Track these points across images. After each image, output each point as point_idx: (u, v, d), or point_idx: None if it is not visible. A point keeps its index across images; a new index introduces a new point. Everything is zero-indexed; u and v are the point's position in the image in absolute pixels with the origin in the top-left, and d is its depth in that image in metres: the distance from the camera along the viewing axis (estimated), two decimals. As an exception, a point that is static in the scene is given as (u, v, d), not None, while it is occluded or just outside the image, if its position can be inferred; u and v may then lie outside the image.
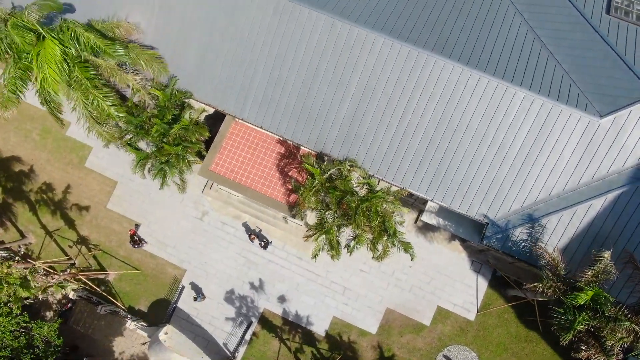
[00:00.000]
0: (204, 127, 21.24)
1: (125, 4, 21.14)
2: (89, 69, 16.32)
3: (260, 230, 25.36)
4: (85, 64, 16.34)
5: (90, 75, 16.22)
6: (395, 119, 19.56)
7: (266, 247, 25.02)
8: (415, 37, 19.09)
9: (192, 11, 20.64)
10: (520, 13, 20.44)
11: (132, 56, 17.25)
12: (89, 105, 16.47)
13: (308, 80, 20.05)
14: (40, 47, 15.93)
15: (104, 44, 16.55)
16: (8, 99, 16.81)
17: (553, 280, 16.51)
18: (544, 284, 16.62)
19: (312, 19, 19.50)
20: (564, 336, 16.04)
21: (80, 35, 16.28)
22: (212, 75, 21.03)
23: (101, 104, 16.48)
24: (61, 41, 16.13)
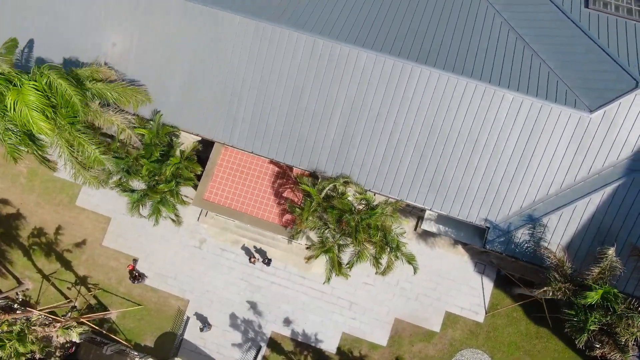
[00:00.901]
0: (195, 163, 20.99)
1: (103, 40, 20.81)
2: (71, 114, 15.95)
3: (260, 247, 25.06)
4: (67, 109, 15.99)
5: (73, 121, 15.86)
6: (386, 131, 19.42)
7: (269, 263, 24.68)
8: (398, 49, 18.97)
9: (171, 43, 20.35)
10: (500, 13, 20.41)
11: (113, 95, 16.92)
12: (74, 151, 16.11)
13: (295, 101, 19.85)
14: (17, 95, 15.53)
15: (74, 92, 16.19)
16: (11, 150, 16.53)
17: (561, 281, 16.44)
18: (553, 287, 16.55)
19: (293, 40, 19.31)
20: (579, 338, 15.97)
21: (54, 82, 15.92)
22: (198, 104, 20.75)
23: (87, 149, 16.15)
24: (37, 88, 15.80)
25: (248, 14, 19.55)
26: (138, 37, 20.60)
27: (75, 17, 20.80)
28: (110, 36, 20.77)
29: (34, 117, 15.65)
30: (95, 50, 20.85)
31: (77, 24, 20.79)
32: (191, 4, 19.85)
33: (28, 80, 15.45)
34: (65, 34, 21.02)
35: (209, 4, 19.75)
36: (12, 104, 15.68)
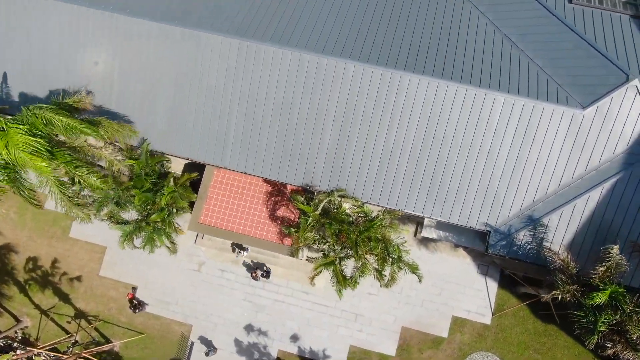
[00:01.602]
0: (190, 190, 20.64)
1: (84, 69, 20.42)
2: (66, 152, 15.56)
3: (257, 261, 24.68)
4: (61, 147, 15.61)
5: (68, 159, 15.49)
6: (380, 142, 19.17)
7: (268, 275, 24.27)
8: (385, 58, 18.74)
9: (153, 67, 19.99)
10: (484, 14, 20.25)
11: (101, 132, 16.55)
12: (65, 189, 15.73)
13: (285, 118, 19.56)
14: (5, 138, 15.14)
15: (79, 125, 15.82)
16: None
17: (568, 283, 16.27)
18: (561, 290, 16.38)
19: (278, 57, 19.02)
20: (589, 339, 15.81)
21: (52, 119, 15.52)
22: (185, 128, 20.41)
23: (89, 181, 15.81)
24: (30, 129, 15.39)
25: (230, 34, 19.23)
26: (119, 64, 20.22)
27: (54, 50, 20.41)
28: (91, 65, 20.38)
29: (30, 159, 15.23)
30: (76, 81, 20.45)
31: (56, 56, 20.40)
32: (171, 28, 19.51)
33: (14, 123, 15.10)
34: (44, 66, 20.63)
35: (189, 27, 19.42)
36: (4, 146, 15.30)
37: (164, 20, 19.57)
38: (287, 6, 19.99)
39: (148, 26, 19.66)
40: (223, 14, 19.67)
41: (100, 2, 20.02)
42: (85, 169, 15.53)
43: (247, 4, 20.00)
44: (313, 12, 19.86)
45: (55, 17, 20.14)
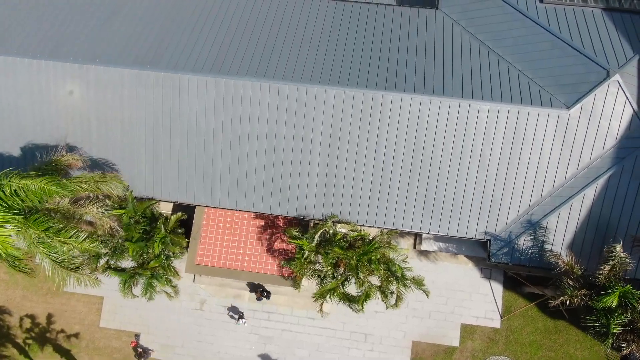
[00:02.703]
0: (180, 235, 20.23)
1: (60, 128, 19.90)
2: (46, 220, 15.00)
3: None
4: (38, 215, 15.06)
5: (49, 226, 14.93)
6: (369, 164, 18.93)
7: (268, 296, 23.80)
8: (365, 80, 18.51)
9: (130, 114, 19.53)
10: (458, 23, 20.13)
11: (84, 187, 16.05)
12: (58, 255, 15.19)
13: (270, 150, 19.24)
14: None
15: (47, 185, 15.19)
16: None
17: (576, 287, 16.16)
18: (569, 295, 16.26)
19: (257, 90, 18.70)
20: (605, 342, 15.71)
21: (23, 188, 14.95)
22: (171, 172, 19.97)
23: (80, 246, 15.24)
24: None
25: (205, 73, 18.87)
26: (95, 114, 19.73)
27: (27, 108, 19.87)
28: (67, 118, 19.87)
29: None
30: (54, 136, 19.94)
31: (29, 114, 19.87)
32: (144, 73, 19.08)
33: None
34: (19, 125, 20.07)
35: (162, 70, 19.01)
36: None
37: (135, 66, 19.14)
38: (258, 39, 19.68)
39: (120, 74, 19.21)
40: (195, 54, 19.30)
41: (68, 54, 19.54)
42: (69, 233, 15.01)
43: (218, 40, 19.65)
44: (286, 42, 19.57)
45: (24, 75, 19.61)
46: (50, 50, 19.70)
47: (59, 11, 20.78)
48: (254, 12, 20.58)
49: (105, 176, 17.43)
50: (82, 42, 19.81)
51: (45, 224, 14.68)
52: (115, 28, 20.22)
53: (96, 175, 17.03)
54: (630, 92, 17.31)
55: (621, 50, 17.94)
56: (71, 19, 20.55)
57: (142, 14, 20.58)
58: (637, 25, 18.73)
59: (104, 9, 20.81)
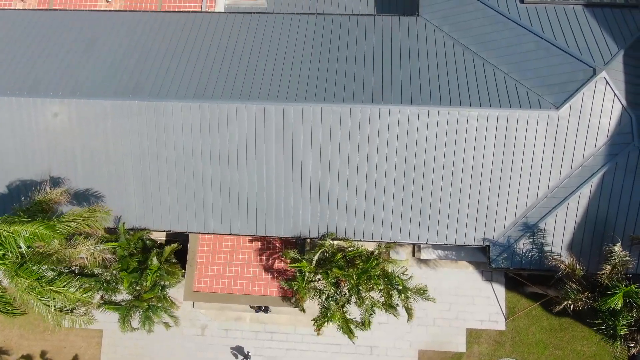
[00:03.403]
0: (175, 265, 19.88)
1: (44, 163, 19.50)
2: (38, 269, 14.54)
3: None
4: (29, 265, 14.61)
5: (41, 275, 14.49)
6: (362, 179, 18.68)
7: (266, 311, 23.44)
8: (351, 94, 18.26)
9: (116, 145, 19.16)
10: (440, 29, 19.95)
11: (73, 226, 15.66)
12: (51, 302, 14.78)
13: (261, 172, 18.93)
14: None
15: (46, 228, 14.74)
16: None
17: (579, 290, 16.00)
18: (572, 298, 16.10)
19: (242, 112, 18.40)
20: (613, 345, 15.55)
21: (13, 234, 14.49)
22: (161, 201, 19.61)
23: (69, 296, 14.82)
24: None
25: (188, 99, 18.54)
26: (80, 148, 19.34)
27: (9, 147, 19.46)
28: (51, 153, 19.47)
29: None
30: (37, 172, 19.53)
31: (12, 153, 19.46)
32: (127, 103, 18.73)
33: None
34: (2, 165, 19.64)
35: (144, 99, 18.67)
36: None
37: (117, 97, 18.79)
38: (240, 60, 19.38)
39: (102, 106, 18.84)
40: (177, 80, 18.98)
41: (48, 90, 19.14)
42: (62, 282, 14.60)
43: (198, 65, 19.32)
44: (268, 61, 19.29)
45: (4, 113, 19.20)
46: (29, 87, 19.30)
47: (35, 47, 20.39)
48: (233, 34, 20.31)
49: (93, 210, 17.03)
50: (61, 76, 19.42)
51: (37, 273, 14.25)
52: (93, 60, 19.85)
53: (84, 211, 16.64)
54: (617, 88, 17.20)
55: (605, 46, 17.82)
56: (48, 53, 20.16)
57: (119, 43, 20.23)
58: (619, 19, 18.64)
59: (79, 41, 20.44)
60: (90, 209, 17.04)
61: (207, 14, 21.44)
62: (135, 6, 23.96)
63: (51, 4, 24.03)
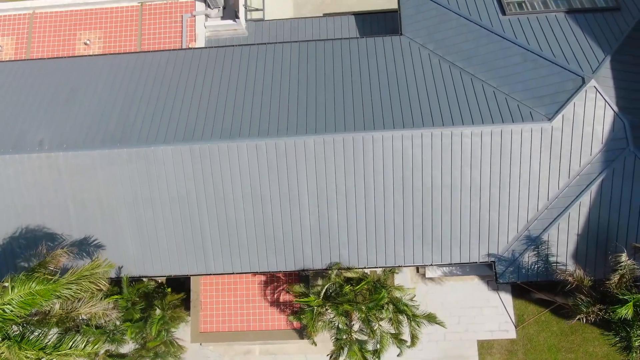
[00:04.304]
0: (181, 312, 19.54)
1: (36, 219, 19.08)
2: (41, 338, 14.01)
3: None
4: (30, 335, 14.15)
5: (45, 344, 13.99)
6: (361, 206, 18.49)
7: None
8: (342, 123, 18.08)
9: (108, 198, 18.80)
10: (424, 46, 19.85)
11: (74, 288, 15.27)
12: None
13: (258, 208, 18.67)
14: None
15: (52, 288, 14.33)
16: None
17: (590, 302, 15.94)
18: (585, 312, 16.04)
19: (234, 150, 18.14)
20: (629, 356, 15.49)
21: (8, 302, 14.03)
22: (159, 246, 19.27)
23: (82, 353, 14.37)
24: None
25: (178, 142, 18.24)
26: (72, 201, 18.95)
27: None
28: (42, 210, 19.08)
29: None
30: (29, 230, 19.12)
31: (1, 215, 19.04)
32: (115, 151, 18.39)
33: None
34: None
35: (133, 145, 18.34)
36: None
37: (105, 146, 18.44)
38: (226, 98, 19.11)
39: (90, 156, 18.48)
40: (164, 123, 18.67)
41: (33, 145, 18.75)
42: (68, 343, 14.22)
43: (185, 107, 19.03)
44: (255, 96, 19.04)
45: (-10, 172, 18.78)
46: (14, 143, 18.89)
47: (15, 100, 19.99)
48: (217, 70, 20.05)
49: (94, 266, 16.65)
50: (45, 129, 19.04)
51: (41, 343, 13.84)
52: (76, 109, 19.49)
53: (84, 269, 16.23)
54: (608, 95, 17.17)
55: (592, 53, 17.80)
56: (29, 106, 19.77)
57: (101, 89, 19.88)
58: (602, 24, 18.64)
59: (61, 90, 20.07)
60: (92, 265, 16.63)
61: (188, 51, 21.16)
62: (114, 46, 23.67)
63: (28, 53, 23.65)
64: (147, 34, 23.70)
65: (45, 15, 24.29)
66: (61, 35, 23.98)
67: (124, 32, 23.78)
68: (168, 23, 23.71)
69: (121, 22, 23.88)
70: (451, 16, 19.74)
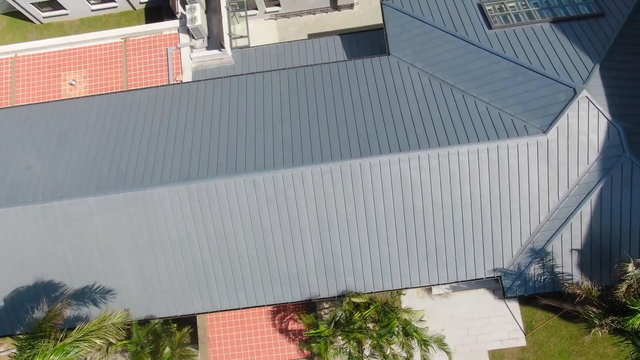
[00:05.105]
0: (190, 351, 19.34)
1: (35, 271, 18.80)
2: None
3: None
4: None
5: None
6: (363, 231, 18.39)
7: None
8: (338, 151, 17.97)
9: (107, 244, 18.56)
10: (413, 65, 19.81)
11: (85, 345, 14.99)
12: None
13: (260, 242, 18.51)
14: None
15: None
16: None
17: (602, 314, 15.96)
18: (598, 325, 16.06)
19: (232, 187, 17.97)
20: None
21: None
22: (163, 287, 19.05)
23: None
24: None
25: (174, 182, 18.05)
26: (70, 250, 18.69)
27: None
28: (42, 262, 18.79)
29: None
30: (29, 284, 18.83)
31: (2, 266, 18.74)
32: (111, 197, 18.15)
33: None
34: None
35: (129, 189, 18.11)
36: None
37: (100, 192, 18.20)
38: (219, 134, 18.95)
39: (86, 203, 18.24)
40: (158, 165, 18.46)
41: (27, 196, 18.46)
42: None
43: (177, 147, 18.84)
44: (248, 130, 18.90)
45: (-15, 227, 18.47)
46: (7, 196, 18.60)
47: (4, 150, 19.68)
48: (207, 105, 19.89)
49: (102, 319, 16.31)
50: (37, 179, 18.77)
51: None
52: (67, 155, 19.24)
53: (92, 324, 15.92)
54: (600, 103, 17.21)
55: (580, 62, 17.85)
56: (19, 155, 19.49)
57: (91, 133, 19.65)
58: (588, 31, 18.71)
59: (51, 136, 19.82)
60: (100, 318, 16.27)
61: (176, 86, 20.96)
62: (101, 85, 23.44)
63: (13, 98, 23.34)
64: (132, 69, 23.49)
65: (28, 57, 24.00)
66: (46, 77, 23.72)
67: (109, 70, 23.56)
68: (153, 57, 23.52)
69: (106, 60, 23.66)
70: (437, 33, 19.73)
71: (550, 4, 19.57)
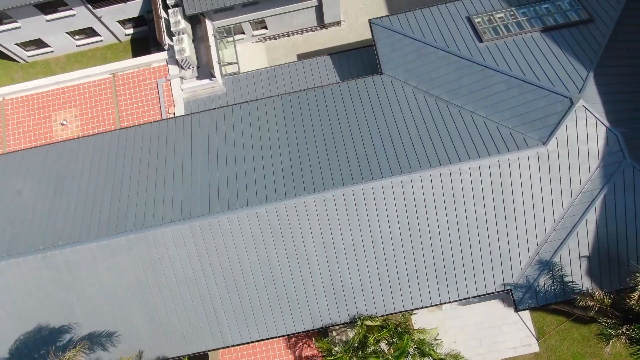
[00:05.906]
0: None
1: (41, 322, 18.50)
2: None
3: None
4: None
5: None
6: (370, 255, 18.26)
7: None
8: (340, 178, 17.83)
9: (113, 289, 18.31)
10: (407, 83, 19.73)
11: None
12: None
13: (268, 274, 18.33)
14: None
15: None
16: None
17: (617, 324, 15.94)
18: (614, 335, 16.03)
19: (235, 221, 17.78)
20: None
21: None
22: (172, 327, 18.81)
23: None
24: None
25: (176, 221, 17.83)
26: (76, 299, 18.41)
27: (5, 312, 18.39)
28: (46, 312, 18.49)
29: None
30: (35, 336, 18.52)
31: (5, 322, 18.38)
32: (114, 241, 17.90)
33: None
34: None
35: (131, 232, 17.87)
36: None
37: (102, 237, 17.94)
38: (218, 169, 18.76)
39: (88, 249, 17.97)
40: (159, 205, 18.25)
41: (27, 246, 18.17)
42: None
43: (177, 185, 18.63)
44: (247, 162, 18.73)
45: (-13, 281, 18.15)
46: (7, 247, 18.29)
47: (1, 201, 19.35)
48: (202, 138, 19.70)
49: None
50: (37, 229, 18.48)
51: None
52: (66, 201, 18.97)
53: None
54: (597, 111, 17.22)
55: (574, 70, 17.84)
56: (17, 205, 19.18)
57: (88, 175, 19.41)
58: (578, 38, 18.71)
59: (47, 183, 19.54)
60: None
61: (170, 120, 20.74)
62: (92, 123, 23.16)
63: (4, 143, 23.01)
64: (123, 104, 23.24)
65: (16, 100, 23.68)
66: (36, 119, 23.41)
67: (100, 107, 23.30)
68: (144, 91, 23.28)
69: (95, 97, 23.39)
70: (429, 50, 19.67)
71: (539, 13, 19.57)
